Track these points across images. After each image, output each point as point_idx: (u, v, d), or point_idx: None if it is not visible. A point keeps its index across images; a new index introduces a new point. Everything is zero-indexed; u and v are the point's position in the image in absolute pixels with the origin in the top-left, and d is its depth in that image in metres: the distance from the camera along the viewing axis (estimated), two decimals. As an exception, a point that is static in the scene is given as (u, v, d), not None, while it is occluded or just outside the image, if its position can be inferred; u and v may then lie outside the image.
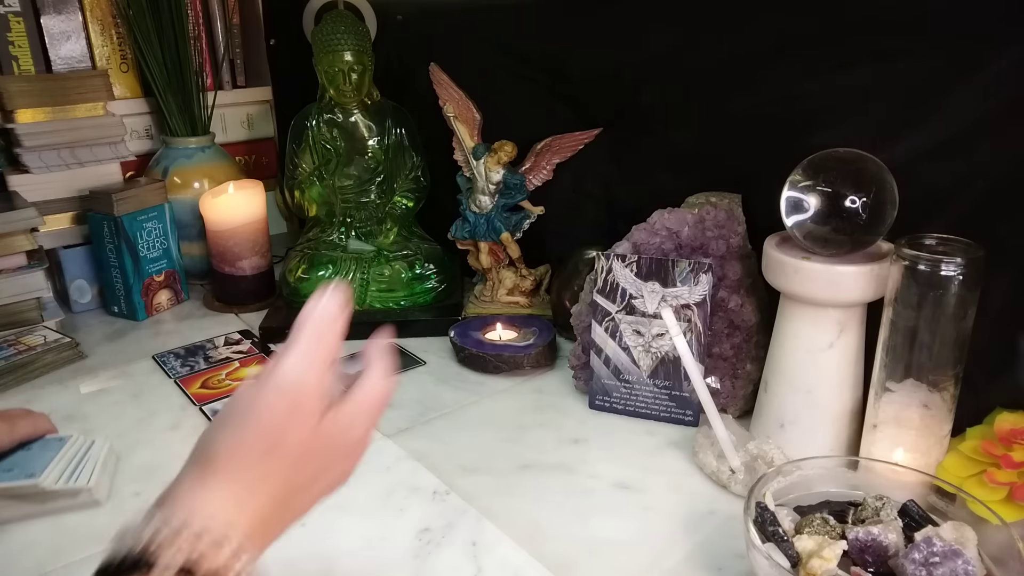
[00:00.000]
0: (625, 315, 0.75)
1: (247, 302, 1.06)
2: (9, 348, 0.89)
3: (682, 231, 0.74)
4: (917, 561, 0.46)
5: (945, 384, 0.57)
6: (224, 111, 1.25)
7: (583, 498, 0.64)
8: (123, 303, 1.02)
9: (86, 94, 1.04)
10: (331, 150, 1.01)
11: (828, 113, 0.69)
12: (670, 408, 0.75)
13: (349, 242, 1.01)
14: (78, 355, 0.91)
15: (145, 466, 0.69)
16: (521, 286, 1.01)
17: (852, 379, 0.65)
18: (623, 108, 0.88)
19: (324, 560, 0.57)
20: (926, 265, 0.55)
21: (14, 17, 1.02)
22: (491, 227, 0.98)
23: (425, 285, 1.00)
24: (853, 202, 0.61)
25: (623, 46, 0.85)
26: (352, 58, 0.95)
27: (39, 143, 1.00)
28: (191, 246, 1.12)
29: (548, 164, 0.96)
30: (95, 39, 1.10)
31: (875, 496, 0.52)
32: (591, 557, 0.57)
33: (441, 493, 0.65)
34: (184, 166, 1.12)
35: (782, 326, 0.66)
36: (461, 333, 0.89)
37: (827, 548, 0.48)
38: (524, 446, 0.72)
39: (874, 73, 0.65)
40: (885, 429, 0.61)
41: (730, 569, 0.55)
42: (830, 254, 0.62)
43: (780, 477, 0.55)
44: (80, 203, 1.03)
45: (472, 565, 0.56)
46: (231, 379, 0.85)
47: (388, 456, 0.70)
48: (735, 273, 0.73)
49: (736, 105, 0.76)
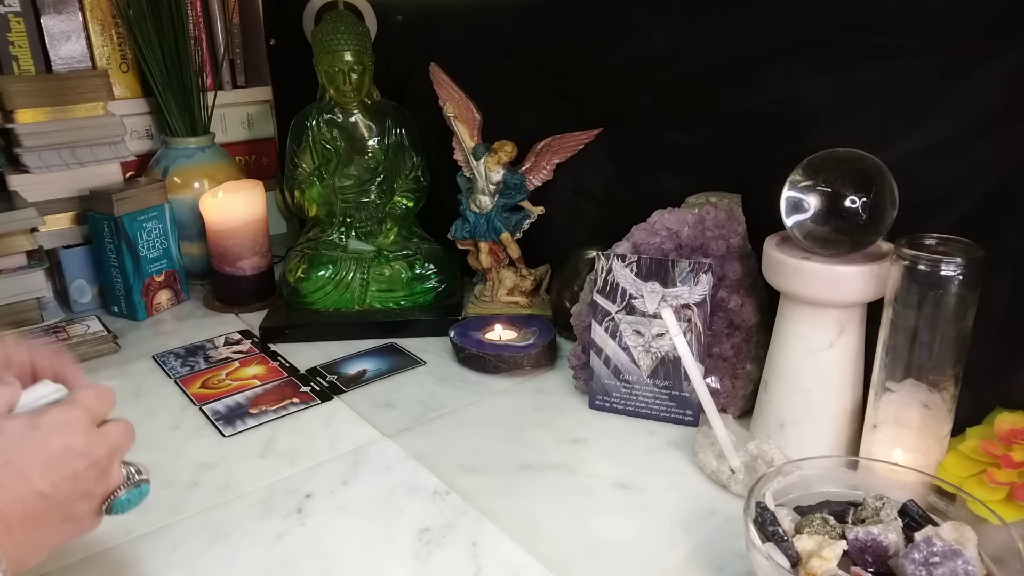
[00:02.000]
0: (625, 315, 0.75)
1: (247, 302, 1.06)
2: (52, 335, 0.91)
3: (682, 231, 0.74)
4: (917, 561, 0.46)
5: (945, 384, 0.57)
6: (224, 111, 1.25)
7: (583, 498, 0.64)
8: (123, 303, 1.02)
9: (86, 94, 1.04)
10: (331, 150, 1.01)
11: (828, 113, 0.69)
12: (670, 408, 0.75)
13: (349, 242, 1.01)
14: (112, 349, 0.92)
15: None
16: (521, 286, 1.01)
17: (852, 379, 0.65)
18: (623, 108, 0.88)
19: (324, 560, 0.57)
20: (926, 265, 0.55)
21: (14, 17, 1.02)
22: (491, 227, 0.98)
23: (425, 285, 1.00)
24: (853, 202, 0.61)
25: (623, 46, 0.85)
26: (352, 58, 0.95)
27: (39, 143, 1.00)
28: (191, 246, 1.12)
29: (548, 164, 0.96)
30: (95, 39, 1.10)
31: (875, 496, 0.52)
32: (591, 557, 0.57)
33: (441, 493, 0.65)
34: (184, 166, 1.12)
35: (782, 326, 0.66)
36: (461, 333, 0.89)
37: (827, 548, 0.48)
38: (524, 446, 0.72)
39: (874, 73, 0.65)
40: (885, 429, 0.61)
41: (730, 569, 0.55)
42: (830, 254, 0.62)
43: (780, 477, 0.55)
44: (80, 203, 1.03)
45: (472, 565, 0.56)
46: (231, 379, 0.85)
47: (388, 456, 0.70)
48: (735, 273, 0.73)
49: (736, 105, 0.76)
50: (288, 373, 0.87)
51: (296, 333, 0.95)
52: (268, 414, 0.78)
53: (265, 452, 0.71)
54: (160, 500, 0.64)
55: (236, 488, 0.66)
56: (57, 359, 0.51)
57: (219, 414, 0.78)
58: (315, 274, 0.98)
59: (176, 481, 0.67)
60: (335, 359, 0.90)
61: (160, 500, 0.64)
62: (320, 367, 0.88)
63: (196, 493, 0.65)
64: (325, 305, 0.99)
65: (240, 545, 0.59)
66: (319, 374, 0.86)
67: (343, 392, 0.82)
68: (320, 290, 0.98)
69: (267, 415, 0.77)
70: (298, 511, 0.63)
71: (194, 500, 0.64)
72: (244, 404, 0.80)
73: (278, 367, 0.88)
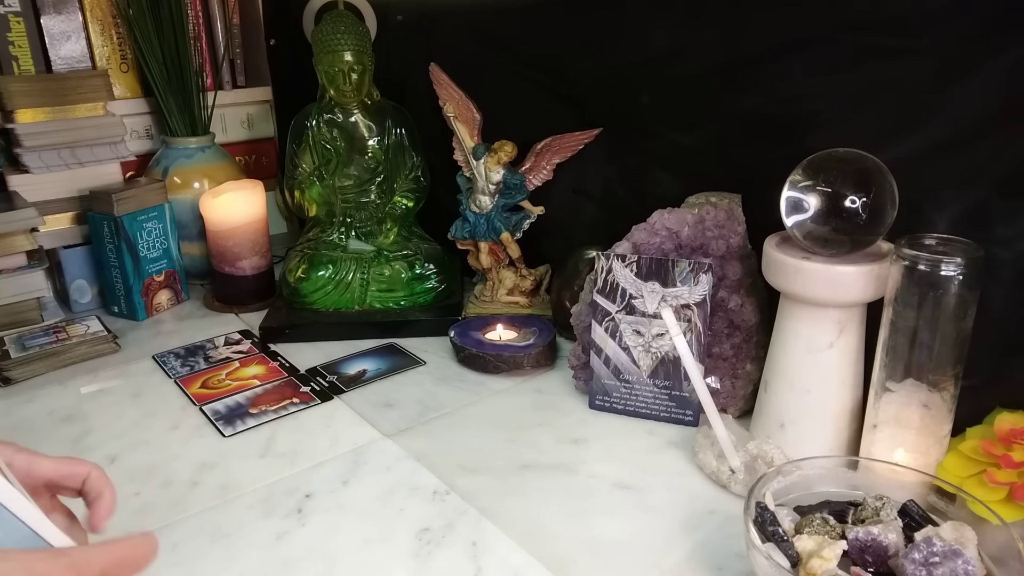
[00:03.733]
0: (625, 315, 0.75)
1: (247, 302, 1.06)
2: (52, 335, 0.91)
3: (682, 231, 0.74)
4: (917, 561, 0.46)
5: (945, 384, 0.57)
6: (224, 111, 1.25)
7: (583, 498, 0.64)
8: (123, 303, 1.02)
9: (86, 94, 1.04)
10: (331, 150, 1.01)
11: (828, 113, 0.69)
12: (670, 408, 0.75)
13: (349, 242, 1.01)
14: (112, 349, 0.92)
15: (145, 466, 0.69)
16: (521, 286, 1.01)
17: (852, 379, 0.65)
18: (623, 108, 0.88)
19: (324, 560, 0.57)
20: (926, 265, 0.55)
21: (14, 17, 1.02)
22: (491, 227, 0.98)
23: (425, 285, 1.00)
24: (853, 202, 0.61)
25: (623, 46, 0.85)
26: (352, 58, 0.95)
27: (39, 143, 1.00)
28: (191, 246, 1.12)
29: (548, 164, 0.96)
30: (95, 39, 1.10)
31: (875, 496, 0.52)
32: (591, 557, 0.57)
33: (441, 493, 0.65)
34: (184, 166, 1.12)
35: (782, 326, 0.66)
36: (461, 333, 0.89)
37: (827, 548, 0.48)
38: (524, 446, 0.72)
39: (874, 73, 0.65)
40: (885, 429, 0.61)
41: (730, 569, 0.55)
42: (830, 254, 0.62)
43: (780, 477, 0.55)
44: (80, 203, 1.03)
45: (472, 565, 0.56)
46: (231, 379, 0.85)
47: (388, 456, 0.70)
48: (735, 273, 0.73)
49: (736, 105, 0.76)
50: (288, 373, 0.87)
51: (296, 333, 0.95)
52: (268, 414, 0.78)
53: (265, 452, 0.71)
54: (160, 500, 0.64)
55: (236, 488, 0.66)
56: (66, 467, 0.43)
57: (219, 414, 0.78)
58: (315, 274, 0.98)
59: (176, 481, 0.67)
60: (335, 359, 0.90)
61: (160, 500, 0.64)
62: (320, 367, 0.88)
63: (196, 493, 0.65)
64: (325, 305, 0.99)
65: (240, 545, 0.59)
66: (319, 374, 0.86)
67: (343, 392, 0.82)
68: (320, 290, 0.98)
69: (267, 415, 0.77)
70: (298, 511, 0.63)
71: (194, 500, 0.64)
72: (244, 404, 0.80)
73: (278, 367, 0.88)
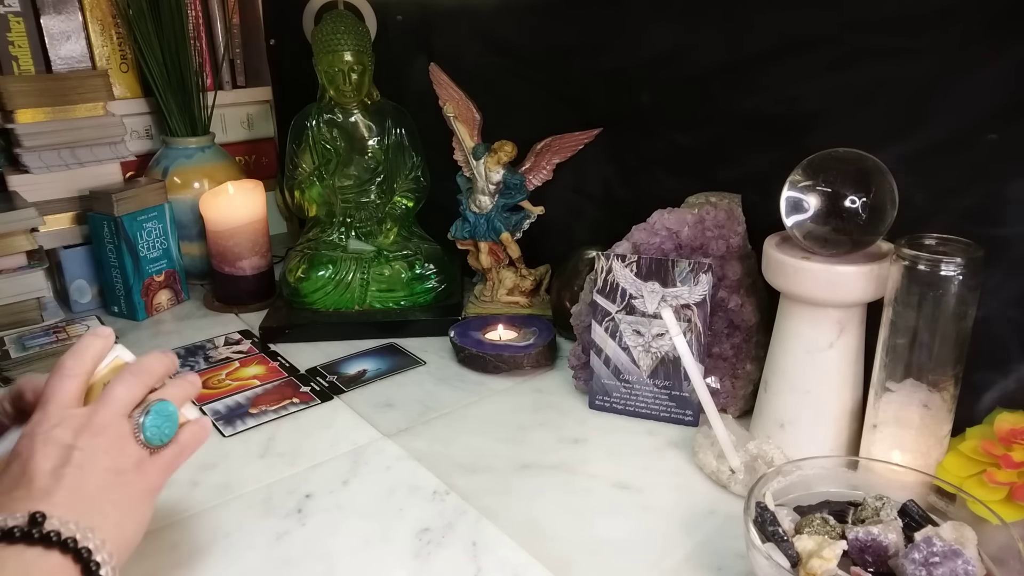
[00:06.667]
0: (625, 315, 0.75)
1: (247, 302, 1.06)
2: (52, 335, 0.91)
3: (682, 231, 0.74)
4: (917, 561, 0.46)
5: (945, 384, 0.57)
6: (224, 111, 1.25)
7: (583, 498, 0.64)
8: (123, 303, 1.02)
9: (86, 94, 1.04)
10: (331, 150, 1.01)
11: (828, 113, 0.69)
12: (670, 408, 0.75)
13: (349, 242, 1.01)
14: None
15: (145, 466, 0.69)
16: (521, 286, 1.01)
17: (852, 379, 0.65)
18: (623, 108, 0.88)
19: (324, 560, 0.57)
20: (926, 265, 0.55)
21: (14, 17, 1.02)
22: (491, 227, 0.98)
23: (425, 285, 1.00)
24: (853, 202, 0.61)
25: (623, 46, 0.85)
26: (352, 58, 0.95)
27: (39, 143, 1.00)
28: (191, 246, 1.12)
29: (548, 164, 0.96)
30: (95, 39, 1.10)
31: (875, 496, 0.52)
32: (591, 557, 0.57)
33: (441, 493, 0.65)
34: (184, 166, 1.12)
35: (782, 326, 0.66)
36: (461, 333, 0.89)
37: (827, 548, 0.48)
38: (524, 446, 0.72)
39: (874, 73, 0.65)
40: (885, 429, 0.61)
41: (730, 569, 0.55)
42: (830, 254, 0.62)
43: (780, 477, 0.55)
44: (80, 203, 1.03)
45: (472, 565, 0.56)
46: (231, 379, 0.85)
47: (388, 456, 0.70)
48: (735, 273, 0.73)
49: (736, 105, 0.76)
50: (288, 373, 0.87)
51: (296, 333, 0.95)
52: (268, 414, 0.78)
53: (265, 452, 0.71)
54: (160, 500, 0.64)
55: (236, 488, 0.66)
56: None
57: (219, 414, 0.78)
58: (315, 274, 0.98)
59: (176, 481, 0.66)
60: (335, 359, 0.90)
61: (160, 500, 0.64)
62: (320, 367, 0.88)
63: (196, 493, 0.65)
64: (325, 305, 0.99)
65: (240, 545, 0.59)
66: (319, 374, 0.86)
67: (343, 392, 0.82)
68: (320, 290, 0.98)
69: (267, 415, 0.77)
70: (298, 511, 0.63)
71: (194, 500, 0.64)
72: (244, 404, 0.80)
73: (278, 367, 0.88)
